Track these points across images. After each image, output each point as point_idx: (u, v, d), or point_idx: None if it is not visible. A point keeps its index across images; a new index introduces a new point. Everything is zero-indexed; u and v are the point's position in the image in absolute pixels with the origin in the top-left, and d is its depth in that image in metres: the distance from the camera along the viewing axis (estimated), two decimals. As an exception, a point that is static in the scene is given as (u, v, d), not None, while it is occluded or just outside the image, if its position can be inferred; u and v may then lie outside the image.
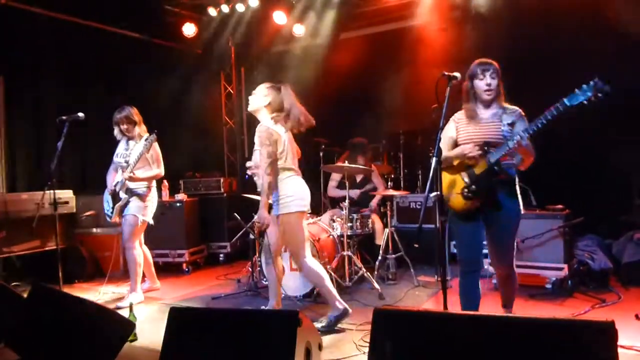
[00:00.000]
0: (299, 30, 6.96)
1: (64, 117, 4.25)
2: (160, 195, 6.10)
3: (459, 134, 3.11)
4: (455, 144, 3.14)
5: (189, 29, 6.99)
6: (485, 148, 2.94)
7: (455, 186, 3.01)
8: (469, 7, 5.81)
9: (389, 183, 5.48)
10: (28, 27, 5.63)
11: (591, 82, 2.60)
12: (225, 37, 7.53)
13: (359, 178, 5.69)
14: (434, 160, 2.56)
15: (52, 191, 4.30)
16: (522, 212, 4.62)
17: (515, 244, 3.17)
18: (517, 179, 3.11)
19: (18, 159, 5.70)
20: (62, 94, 5.86)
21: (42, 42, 5.77)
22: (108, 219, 4.68)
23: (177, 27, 6.98)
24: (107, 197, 4.65)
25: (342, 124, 6.68)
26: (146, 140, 4.38)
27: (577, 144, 5.07)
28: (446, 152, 3.14)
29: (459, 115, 3.16)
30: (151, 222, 4.65)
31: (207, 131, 7.88)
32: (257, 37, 7.36)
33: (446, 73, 2.78)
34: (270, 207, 3.66)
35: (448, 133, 3.16)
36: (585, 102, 2.60)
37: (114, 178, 4.61)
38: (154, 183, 4.68)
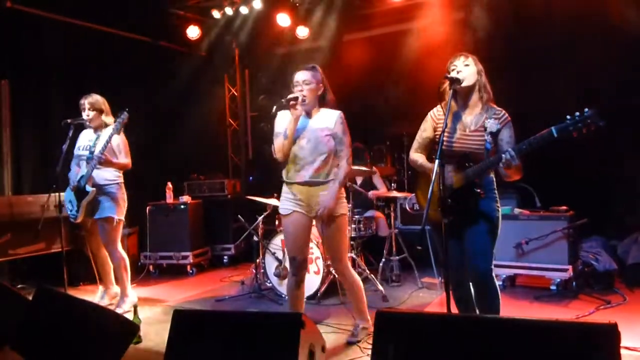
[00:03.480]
0: (302, 32, 6.98)
1: (69, 120, 4.26)
2: (164, 197, 6.14)
3: (437, 135, 2.87)
4: (431, 144, 2.95)
5: (193, 32, 7.02)
6: (466, 164, 2.71)
7: (433, 201, 2.56)
8: (473, 9, 5.80)
9: (392, 184, 5.47)
10: (33, 30, 5.65)
11: (586, 112, 2.27)
12: (229, 40, 7.58)
13: (359, 180, 5.69)
14: (436, 162, 2.51)
15: (57, 194, 4.30)
16: (518, 212, 4.62)
17: (492, 250, 2.78)
18: (494, 181, 2.85)
19: (24, 162, 5.72)
20: (67, 97, 5.87)
21: (47, 45, 5.78)
22: (72, 220, 4.28)
23: (181, 29, 7.01)
24: (69, 196, 4.26)
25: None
26: (116, 120, 4.06)
27: (581, 145, 5.04)
28: (420, 159, 2.96)
29: (439, 114, 2.89)
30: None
31: (211, 133, 7.90)
32: (260, 39, 7.38)
33: (449, 75, 2.74)
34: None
35: (425, 133, 2.96)
36: (574, 133, 2.29)
37: (78, 173, 4.24)
38: (122, 179, 4.34)
